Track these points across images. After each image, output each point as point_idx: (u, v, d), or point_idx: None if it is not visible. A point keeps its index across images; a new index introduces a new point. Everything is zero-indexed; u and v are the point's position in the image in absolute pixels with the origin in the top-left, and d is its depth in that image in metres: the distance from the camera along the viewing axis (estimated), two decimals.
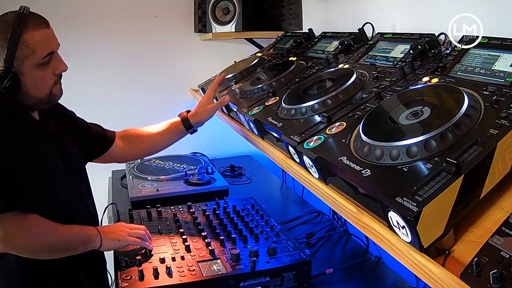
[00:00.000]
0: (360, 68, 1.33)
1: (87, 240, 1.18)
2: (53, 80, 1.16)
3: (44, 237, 1.10)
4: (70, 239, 1.15)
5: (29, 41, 1.08)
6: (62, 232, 1.14)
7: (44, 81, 1.14)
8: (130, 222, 1.44)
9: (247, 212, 1.55)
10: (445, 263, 0.70)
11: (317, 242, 1.60)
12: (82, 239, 1.17)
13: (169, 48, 2.50)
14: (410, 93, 1.02)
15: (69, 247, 1.15)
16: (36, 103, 1.17)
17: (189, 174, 1.81)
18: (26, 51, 1.08)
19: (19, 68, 1.09)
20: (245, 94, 1.58)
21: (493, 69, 0.96)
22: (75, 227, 1.18)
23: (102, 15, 2.33)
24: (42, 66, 1.12)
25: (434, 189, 0.69)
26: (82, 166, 1.38)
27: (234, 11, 2.35)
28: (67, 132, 1.33)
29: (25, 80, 1.10)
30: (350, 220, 0.90)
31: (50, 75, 1.15)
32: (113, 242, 1.23)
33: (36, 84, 1.13)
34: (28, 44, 1.08)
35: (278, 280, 1.21)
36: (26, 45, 1.08)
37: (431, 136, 0.78)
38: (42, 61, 1.11)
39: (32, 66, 1.10)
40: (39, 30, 1.11)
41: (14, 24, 1.07)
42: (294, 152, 1.09)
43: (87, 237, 1.18)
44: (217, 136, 2.60)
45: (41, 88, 1.14)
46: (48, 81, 1.15)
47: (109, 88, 2.43)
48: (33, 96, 1.14)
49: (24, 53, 1.08)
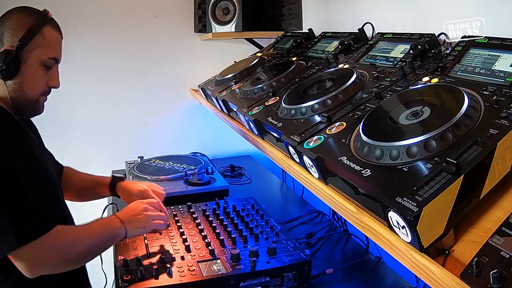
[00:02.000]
0: (360, 68, 1.33)
1: (113, 235, 1.14)
2: (44, 88, 1.14)
3: (69, 248, 1.05)
4: (97, 240, 1.11)
5: (47, 35, 1.11)
6: (87, 236, 1.09)
7: (38, 82, 1.12)
8: None
9: (247, 212, 1.55)
10: (445, 263, 0.70)
11: (317, 242, 1.60)
12: (109, 236, 1.13)
13: (169, 48, 2.50)
14: (410, 93, 1.02)
15: (100, 248, 1.12)
16: (21, 102, 1.12)
17: (189, 174, 1.81)
18: (41, 42, 1.10)
19: (26, 54, 1.08)
20: (245, 94, 1.58)
21: (493, 69, 0.96)
22: (97, 224, 1.14)
23: (102, 15, 2.33)
24: (44, 67, 1.12)
25: (434, 189, 0.69)
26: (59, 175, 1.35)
27: (234, 11, 2.35)
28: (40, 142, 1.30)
29: (24, 70, 1.09)
30: (350, 220, 0.90)
31: (44, 82, 1.14)
32: (137, 230, 1.18)
33: (31, 79, 1.11)
34: (45, 37, 1.10)
35: (278, 280, 1.21)
36: (43, 36, 1.10)
37: (431, 136, 0.78)
38: (48, 61, 1.12)
39: (38, 60, 1.10)
40: (57, 32, 1.15)
41: (38, 15, 1.11)
42: (294, 152, 1.09)
43: (113, 232, 1.14)
44: (217, 136, 2.61)
45: (33, 88, 1.12)
46: (41, 85, 1.13)
47: (109, 88, 2.43)
48: (23, 91, 1.11)
49: (37, 43, 1.09)
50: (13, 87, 1.10)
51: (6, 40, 1.07)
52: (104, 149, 2.39)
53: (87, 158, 2.11)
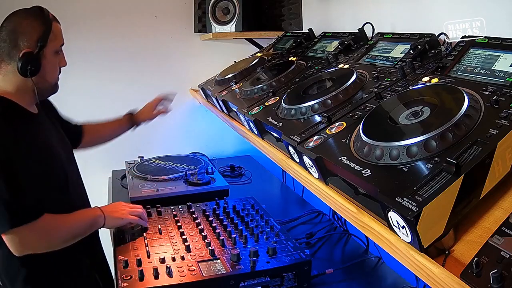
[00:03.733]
0: (360, 68, 1.33)
1: (93, 222, 1.29)
2: (58, 71, 1.30)
3: (55, 233, 1.20)
4: (78, 226, 1.25)
5: (54, 29, 1.24)
6: (70, 222, 1.24)
7: (56, 68, 1.28)
8: None
9: (247, 212, 1.55)
10: (445, 263, 0.70)
11: (317, 242, 1.60)
12: (89, 223, 1.28)
13: (169, 48, 2.49)
14: (410, 93, 1.02)
15: (79, 234, 1.25)
16: (47, 89, 1.28)
17: (189, 174, 1.81)
18: (52, 37, 1.23)
19: (45, 51, 1.21)
20: (245, 94, 1.58)
21: (493, 69, 0.96)
22: (80, 213, 1.28)
23: (102, 15, 2.33)
24: (57, 54, 1.26)
25: (434, 189, 0.69)
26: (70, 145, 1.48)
27: (234, 11, 2.35)
28: (55, 120, 1.45)
29: (45, 64, 1.22)
30: (350, 220, 0.90)
31: (58, 65, 1.29)
32: (116, 220, 1.33)
33: (52, 69, 1.26)
34: (53, 31, 1.23)
35: (278, 280, 1.21)
36: (53, 32, 1.23)
37: (431, 136, 0.78)
38: (59, 48, 1.27)
39: (52, 51, 1.24)
40: (57, 23, 1.28)
41: (44, 14, 1.23)
42: (294, 152, 1.09)
43: (92, 219, 1.29)
44: (217, 136, 2.61)
45: (53, 75, 1.27)
46: (57, 70, 1.29)
47: (108, 88, 2.42)
48: (47, 81, 1.25)
49: (51, 38, 1.22)
50: (37, 80, 1.21)
51: (23, 45, 1.18)
52: (104, 149, 2.38)
53: (87, 158, 2.10)
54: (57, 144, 1.33)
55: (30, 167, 1.16)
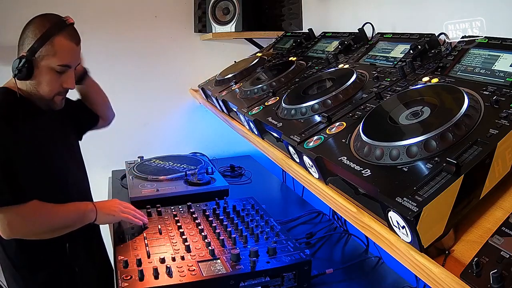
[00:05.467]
0: (360, 68, 1.33)
1: (83, 215, 1.30)
2: (58, 89, 1.26)
3: (44, 221, 1.21)
4: (68, 218, 1.26)
5: (56, 44, 1.20)
6: (60, 212, 1.25)
7: (50, 85, 1.24)
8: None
9: (247, 212, 1.55)
10: (445, 263, 0.70)
11: (317, 242, 1.60)
12: (79, 215, 1.29)
13: (169, 48, 2.49)
14: (410, 93, 1.02)
15: (68, 225, 1.26)
16: (38, 98, 1.26)
17: (189, 174, 1.81)
18: (49, 51, 1.20)
19: (37, 61, 1.20)
20: (245, 94, 1.58)
21: (493, 69, 0.96)
22: (72, 205, 1.29)
23: (102, 15, 2.33)
24: (55, 72, 1.23)
25: (434, 189, 0.69)
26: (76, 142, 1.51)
27: (234, 11, 2.35)
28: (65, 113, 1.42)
29: (37, 74, 1.21)
30: (350, 220, 0.90)
31: (58, 84, 1.25)
32: (107, 216, 1.35)
33: (44, 82, 1.23)
34: (54, 46, 1.20)
35: (278, 280, 1.21)
36: (52, 46, 1.20)
37: (431, 136, 0.78)
38: (57, 68, 1.22)
39: (47, 67, 1.21)
40: (68, 41, 1.23)
41: (52, 24, 1.20)
42: (294, 152, 1.09)
43: (83, 213, 1.30)
44: (217, 136, 2.61)
45: (45, 89, 1.24)
46: (54, 87, 1.25)
47: (108, 88, 2.40)
48: (38, 91, 1.24)
49: (47, 51, 1.20)
50: (30, 86, 1.24)
51: (24, 47, 1.20)
52: (104, 149, 2.39)
53: (87, 158, 2.10)
54: (60, 143, 1.34)
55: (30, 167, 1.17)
